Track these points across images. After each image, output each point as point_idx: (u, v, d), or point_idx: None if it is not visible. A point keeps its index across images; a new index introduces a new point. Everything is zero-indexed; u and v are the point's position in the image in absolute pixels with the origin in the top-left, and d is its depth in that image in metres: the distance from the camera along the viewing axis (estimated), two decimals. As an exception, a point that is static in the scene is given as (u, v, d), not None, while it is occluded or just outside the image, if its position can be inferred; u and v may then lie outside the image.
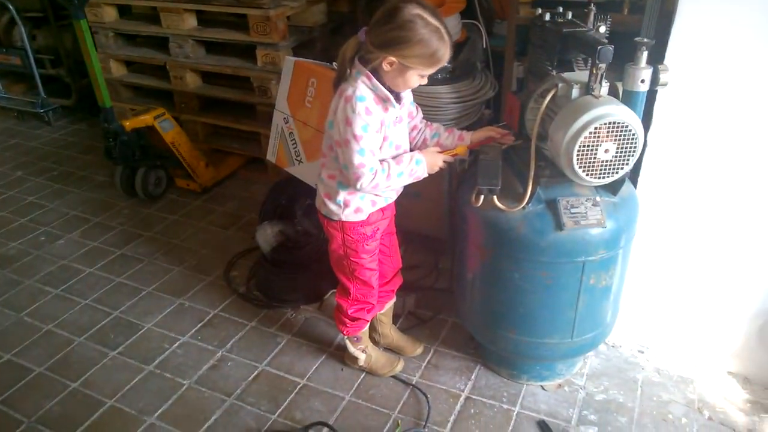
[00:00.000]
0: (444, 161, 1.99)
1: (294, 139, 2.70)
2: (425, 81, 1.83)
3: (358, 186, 1.82)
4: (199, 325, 2.68)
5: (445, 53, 1.74)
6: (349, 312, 2.21)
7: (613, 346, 2.48)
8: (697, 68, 1.92)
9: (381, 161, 1.84)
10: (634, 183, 2.12)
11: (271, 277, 2.79)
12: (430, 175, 1.98)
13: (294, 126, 2.68)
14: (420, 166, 1.91)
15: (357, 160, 1.78)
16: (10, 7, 4.46)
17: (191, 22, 3.68)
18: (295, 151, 2.70)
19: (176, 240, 3.30)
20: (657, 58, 1.90)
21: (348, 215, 1.98)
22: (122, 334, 2.64)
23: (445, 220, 2.82)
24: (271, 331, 2.63)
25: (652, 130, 2.03)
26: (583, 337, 2.14)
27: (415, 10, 1.67)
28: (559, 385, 2.34)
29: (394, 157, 1.90)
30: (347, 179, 1.87)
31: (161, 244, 3.27)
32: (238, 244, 3.21)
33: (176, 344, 2.58)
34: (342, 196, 1.95)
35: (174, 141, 3.56)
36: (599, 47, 1.65)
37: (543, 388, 2.32)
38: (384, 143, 1.88)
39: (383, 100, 1.81)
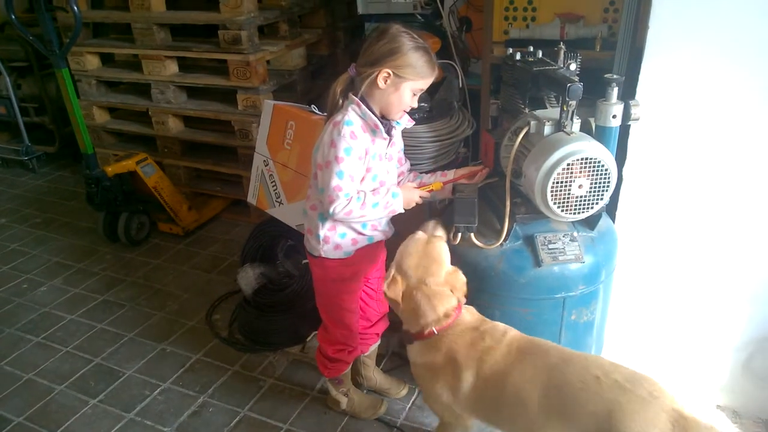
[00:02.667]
0: (420, 196, 1.99)
1: (274, 181, 2.71)
2: (415, 103, 1.87)
3: (331, 210, 1.80)
4: (180, 371, 2.64)
5: (433, 66, 1.81)
6: (330, 353, 2.19)
7: (599, 382, 2.45)
8: (669, 102, 1.94)
9: (358, 191, 1.84)
10: (612, 217, 2.12)
11: (253, 320, 2.76)
12: (407, 211, 1.98)
13: (274, 168, 2.69)
14: (396, 200, 1.90)
15: (334, 182, 1.77)
16: (-5, 57, 4.50)
17: (173, 68, 3.72)
18: (276, 193, 2.71)
19: (158, 284, 3.27)
20: (629, 94, 1.93)
21: (327, 252, 1.97)
22: (103, 382, 2.60)
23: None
24: (254, 375, 2.60)
25: (627, 165, 2.04)
26: (567, 374, 2.11)
27: (402, 28, 1.79)
28: (546, 423, 2.30)
29: (372, 190, 1.90)
30: (322, 204, 1.85)
31: (143, 289, 3.24)
32: (221, 288, 3.18)
33: (157, 391, 2.53)
34: (322, 231, 1.93)
35: (156, 185, 3.56)
36: (569, 85, 1.67)
37: (530, 427, 2.29)
38: (367, 174, 1.87)
39: (371, 130, 1.83)
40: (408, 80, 1.79)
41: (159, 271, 3.40)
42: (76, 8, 3.06)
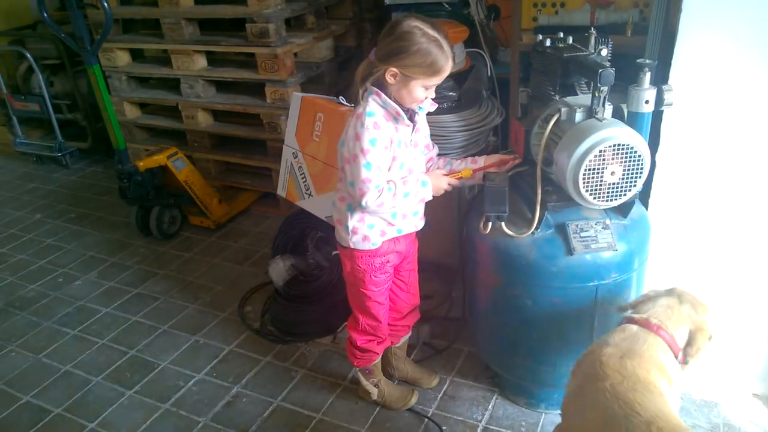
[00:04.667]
0: (449, 184, 1.99)
1: (303, 173, 2.72)
2: (432, 94, 1.85)
3: (363, 202, 1.80)
4: (214, 362, 2.67)
5: (445, 63, 1.76)
6: (359, 343, 2.20)
7: (633, 371, 2.43)
8: (703, 87, 1.91)
9: (388, 181, 1.83)
10: (645, 204, 2.10)
11: (284, 311, 2.78)
12: (437, 199, 1.99)
13: (303, 160, 2.70)
14: (426, 188, 1.91)
15: (363, 174, 1.77)
16: (29, 55, 4.59)
17: (201, 62, 3.75)
18: (305, 185, 2.72)
19: (191, 277, 3.31)
20: (661, 79, 1.90)
21: (356, 243, 1.97)
22: (138, 373, 2.64)
23: (456, 248, 2.81)
24: (286, 365, 2.62)
25: (661, 151, 2.01)
26: (600, 363, 2.09)
27: (414, 23, 1.73)
28: (579, 412, 2.29)
29: (402, 180, 1.90)
30: (353, 197, 1.86)
31: (176, 281, 3.28)
32: (252, 279, 3.21)
33: (192, 382, 2.57)
34: (351, 222, 1.94)
35: (187, 179, 3.60)
36: (600, 70, 1.65)
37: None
38: (393, 163, 1.87)
39: (394, 118, 1.82)
40: (416, 78, 1.76)
41: (191, 263, 3.45)
42: (106, 5, 3.11)
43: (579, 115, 1.78)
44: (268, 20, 3.30)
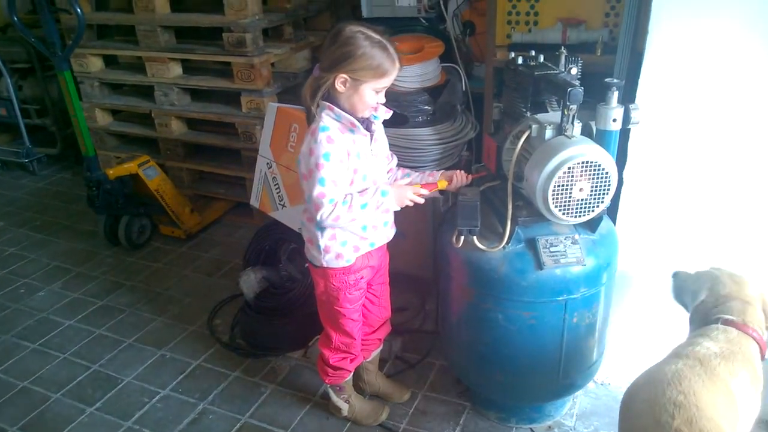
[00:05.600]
0: (416, 193, 1.92)
1: (277, 183, 2.70)
2: (382, 98, 1.84)
3: (319, 218, 1.78)
4: (180, 377, 2.62)
5: (391, 65, 1.76)
6: (331, 361, 2.18)
7: (602, 384, 2.44)
8: (669, 106, 1.95)
9: (345, 195, 1.81)
10: (613, 219, 2.12)
11: (254, 324, 2.75)
12: (412, 211, 1.98)
13: (277, 171, 2.69)
14: (386, 198, 1.87)
15: (317, 190, 1.75)
16: (-3, 59, 4.51)
17: (176, 70, 3.72)
18: (279, 196, 2.70)
19: (159, 288, 3.26)
20: (629, 98, 1.93)
21: (329, 261, 1.96)
22: (101, 389, 2.57)
23: (431, 260, 2.81)
24: (255, 380, 2.58)
25: (628, 168, 2.04)
26: (570, 377, 2.11)
27: (356, 28, 1.74)
28: (549, 426, 2.30)
29: (360, 192, 1.87)
30: (311, 213, 1.84)
31: (144, 293, 3.22)
32: (223, 292, 3.17)
33: (156, 398, 2.51)
34: (323, 241, 1.92)
35: (158, 188, 3.56)
36: (569, 89, 1.67)
37: (532, 431, 2.28)
38: (355, 176, 1.85)
39: (350, 129, 1.81)
40: (366, 82, 1.76)
41: (160, 274, 3.39)
42: (79, 10, 3.07)
43: (549, 132, 1.80)
44: (245, 30, 3.29)
